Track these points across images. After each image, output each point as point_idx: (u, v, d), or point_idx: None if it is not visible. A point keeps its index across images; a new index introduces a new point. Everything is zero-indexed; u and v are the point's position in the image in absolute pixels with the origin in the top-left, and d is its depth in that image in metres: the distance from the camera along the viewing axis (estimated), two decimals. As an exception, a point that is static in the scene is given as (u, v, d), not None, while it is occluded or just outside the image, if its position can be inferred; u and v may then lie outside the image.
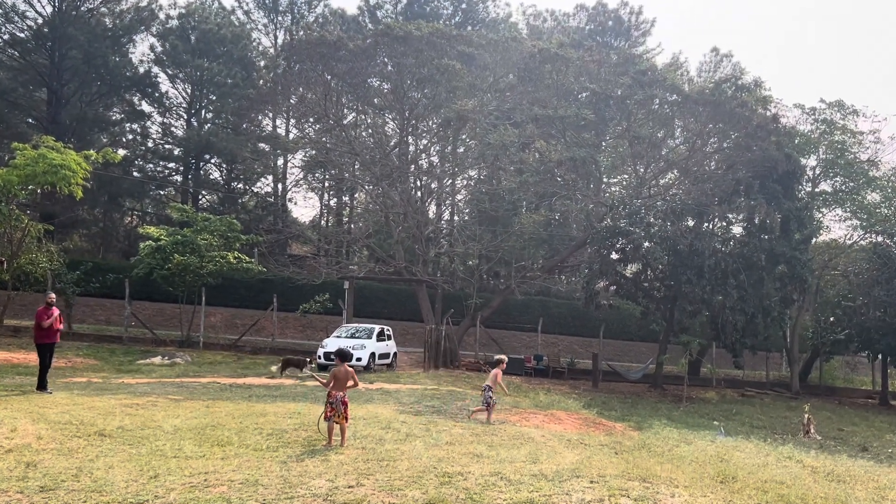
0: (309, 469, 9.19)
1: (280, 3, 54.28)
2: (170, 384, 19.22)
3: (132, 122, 51.81)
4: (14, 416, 11.96)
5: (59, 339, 16.43)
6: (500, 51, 36.33)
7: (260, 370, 24.58)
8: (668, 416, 22.89)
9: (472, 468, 9.66)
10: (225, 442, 10.84)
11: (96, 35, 46.96)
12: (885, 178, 33.79)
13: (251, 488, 8.09)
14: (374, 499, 7.76)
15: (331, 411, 10.98)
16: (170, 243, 30.48)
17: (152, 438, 10.92)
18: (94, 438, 10.76)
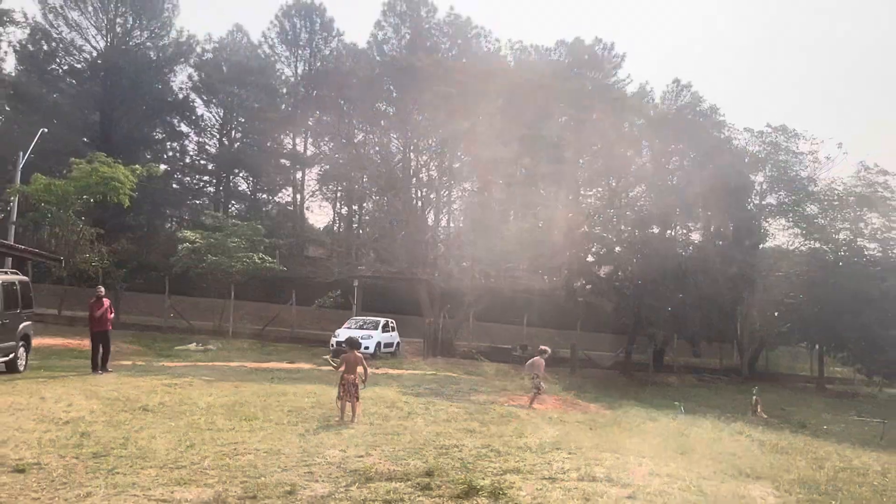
0: (324, 441, 9.21)
1: (300, 38, 54.10)
2: (203, 367, 19.22)
3: (172, 141, 51.87)
4: (70, 393, 11.99)
5: (110, 326, 16.36)
6: (492, 80, 36.29)
7: (281, 356, 24.55)
8: (635, 397, 22.92)
9: (466, 441, 9.69)
10: (251, 417, 10.86)
11: (142, 66, 47.05)
12: (821, 193, 33.79)
13: (274, 456, 8.11)
14: (380, 467, 7.77)
15: (343, 392, 11.02)
16: (204, 245, 30.46)
17: (188, 413, 10.93)
18: (139, 413, 10.78)
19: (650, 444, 10.23)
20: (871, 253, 32.88)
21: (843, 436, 18.94)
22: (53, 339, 23.10)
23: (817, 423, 22.04)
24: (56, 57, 47.10)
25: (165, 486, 6.64)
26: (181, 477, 6.99)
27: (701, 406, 22.63)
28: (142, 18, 48.57)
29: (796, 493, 7.74)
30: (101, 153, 29.71)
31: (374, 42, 51.67)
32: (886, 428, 21.64)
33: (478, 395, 16.26)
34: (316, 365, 21.92)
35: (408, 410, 12.46)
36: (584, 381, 26.80)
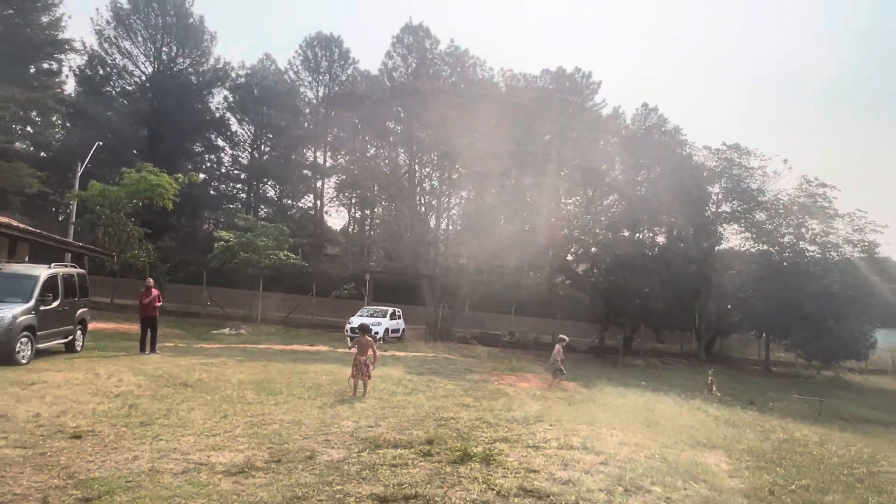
0: (339, 413, 9.20)
1: (321, 65, 54.01)
2: (236, 349, 19.19)
3: (210, 153, 51.83)
4: (120, 371, 11.96)
5: (157, 313, 16.28)
6: (485, 102, 36.24)
7: (303, 340, 24.45)
8: (607, 377, 22.75)
9: (461, 414, 9.69)
10: (277, 392, 10.85)
11: (184, 88, 47.08)
12: (769, 203, 33.67)
13: (296, 426, 8.10)
14: (387, 436, 7.76)
15: (356, 370, 11.01)
16: (236, 244, 30.41)
17: (222, 389, 10.91)
18: (180, 388, 10.75)
19: (620, 418, 10.23)
20: (812, 254, 32.83)
21: (787, 412, 18.89)
22: (106, 323, 23.05)
23: (764, 401, 21.91)
24: (110, 80, 47.12)
25: (202, 451, 6.63)
26: (216, 443, 6.99)
27: (664, 385, 22.50)
28: (184, 48, 48.57)
29: (746, 461, 7.74)
30: (149, 164, 29.67)
31: (385, 69, 51.61)
32: (823, 406, 21.65)
33: (472, 375, 16.24)
34: (333, 347, 21.92)
35: (411, 387, 12.45)
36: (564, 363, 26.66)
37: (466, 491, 5.63)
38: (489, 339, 31.03)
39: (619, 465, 6.95)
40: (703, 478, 6.67)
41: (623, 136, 32.02)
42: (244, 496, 5.21)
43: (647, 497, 5.85)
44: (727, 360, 35.47)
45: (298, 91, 53.34)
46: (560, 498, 5.58)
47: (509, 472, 6.36)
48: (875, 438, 14.50)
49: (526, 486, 5.84)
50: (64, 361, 12.86)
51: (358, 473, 6.02)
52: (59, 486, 5.30)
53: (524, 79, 53.14)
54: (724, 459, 7.75)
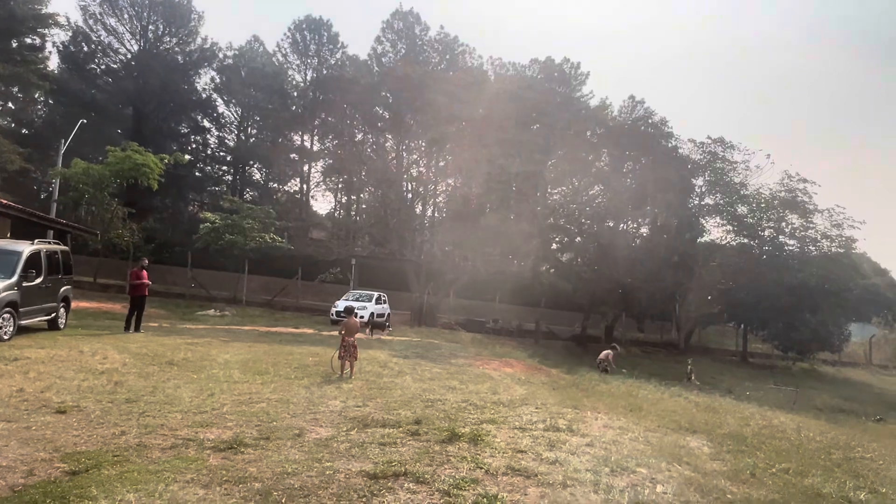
0: (327, 393, 9.16)
1: (309, 49, 53.41)
2: (221, 330, 19.02)
3: (196, 134, 51.07)
4: (105, 348, 11.81)
5: (147, 292, 16.15)
6: (474, 91, 36.08)
7: (288, 323, 24.27)
8: (590, 365, 22.89)
9: (448, 397, 9.69)
10: (263, 371, 10.78)
11: (171, 68, 46.34)
12: (751, 196, 33.86)
13: (284, 405, 8.06)
14: (376, 415, 7.75)
15: (343, 352, 10.97)
16: (222, 225, 30.10)
17: (208, 368, 10.83)
18: (165, 366, 10.65)
19: (604, 403, 10.30)
20: (791, 248, 33.21)
21: (763, 400, 19.15)
22: (90, 302, 22.73)
23: (741, 389, 22.24)
24: (95, 57, 46.27)
25: (190, 427, 6.57)
26: (204, 420, 6.93)
27: (644, 373, 22.70)
28: (171, 26, 47.78)
29: (727, 445, 7.83)
30: (134, 142, 29.20)
31: (374, 55, 51.20)
32: (798, 395, 22.04)
33: (457, 359, 16.25)
34: (318, 330, 21.83)
35: (398, 370, 12.43)
36: (547, 350, 26.82)
37: (455, 469, 5.64)
38: (473, 325, 31.06)
39: (605, 447, 7.00)
40: (686, 460, 6.74)
41: (611, 126, 31.93)
42: (233, 472, 5.16)
43: (632, 477, 5.89)
44: (705, 350, 35.84)
45: (286, 74, 52.73)
46: (547, 477, 5.61)
47: (497, 451, 6.37)
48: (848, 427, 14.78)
49: (514, 466, 5.85)
50: (47, 338, 12.67)
51: (347, 451, 6.00)
52: (45, 460, 5.23)
53: (513, 68, 52.97)
54: (706, 443, 7.83)
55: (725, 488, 5.80)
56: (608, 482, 5.63)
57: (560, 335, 32.27)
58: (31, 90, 38.47)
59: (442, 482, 5.22)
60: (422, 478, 5.28)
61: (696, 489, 5.71)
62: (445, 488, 5.07)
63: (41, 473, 4.90)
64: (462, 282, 33.40)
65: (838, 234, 32.33)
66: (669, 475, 6.09)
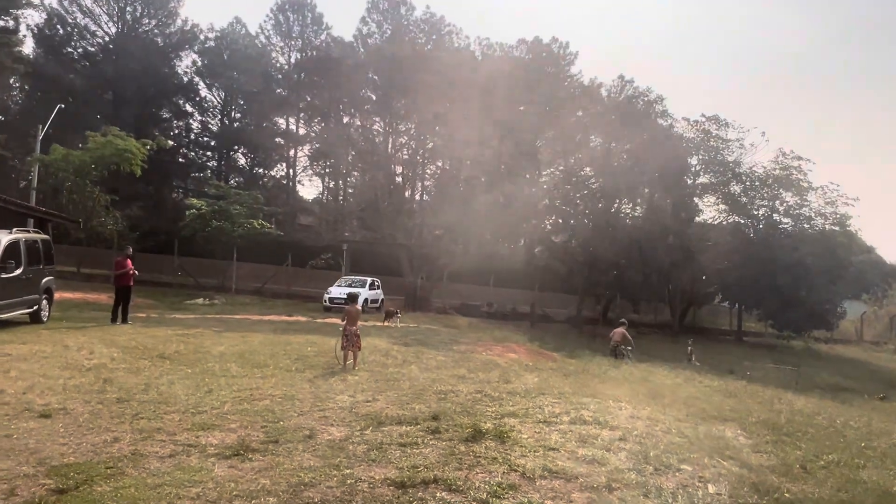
0: (333, 387, 8.59)
1: (293, 30, 52.15)
2: (211, 319, 18.33)
3: (178, 119, 49.81)
4: (92, 342, 11.12)
5: (132, 282, 15.42)
6: (463, 71, 35.22)
7: (280, 311, 23.60)
8: (588, 347, 22.53)
9: (460, 387, 9.15)
10: (262, 364, 10.16)
11: (150, 51, 44.88)
12: (744, 175, 33.48)
13: (289, 402, 7.47)
14: (389, 411, 7.19)
15: (346, 342, 10.38)
16: (209, 212, 29.24)
17: (203, 361, 10.20)
18: (157, 360, 10.01)
19: (622, 390, 9.82)
20: (785, 227, 32.95)
21: (766, 380, 18.83)
22: (73, 293, 21.89)
23: (741, 369, 21.93)
24: (71, 40, 44.69)
25: (190, 430, 5.97)
26: (204, 422, 6.32)
27: (644, 355, 22.35)
28: (150, 8, 46.29)
29: (763, 435, 7.37)
30: (115, 127, 28.14)
31: (360, 35, 49.92)
32: (799, 374, 21.80)
33: (459, 346, 15.71)
34: (312, 317, 21.20)
35: (401, 359, 11.86)
36: (544, 334, 26.42)
37: (488, 473, 5.09)
38: (468, 309, 30.59)
39: (639, 441, 6.49)
40: (729, 454, 6.26)
41: (605, 104, 31.29)
42: (243, 483, 4.58)
43: (679, 476, 5.39)
44: (700, 330, 35.63)
45: (270, 56, 51.45)
46: (589, 479, 5.09)
47: (527, 450, 5.84)
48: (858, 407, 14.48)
49: (550, 467, 5.33)
50: (29, 333, 11.95)
51: (365, 455, 5.44)
52: (28, 475, 4.61)
53: (500, 48, 52.11)
54: (740, 433, 7.37)
55: (781, 486, 5.32)
56: (655, 483, 5.13)
57: (555, 317, 31.90)
58: (6, 74, 37.04)
59: (477, 490, 4.68)
60: (454, 485, 4.73)
61: (750, 488, 5.22)
62: (483, 497, 4.54)
63: (24, 492, 4.29)
64: (455, 265, 32.83)
65: (832, 211, 32.17)
66: (717, 472, 5.59)
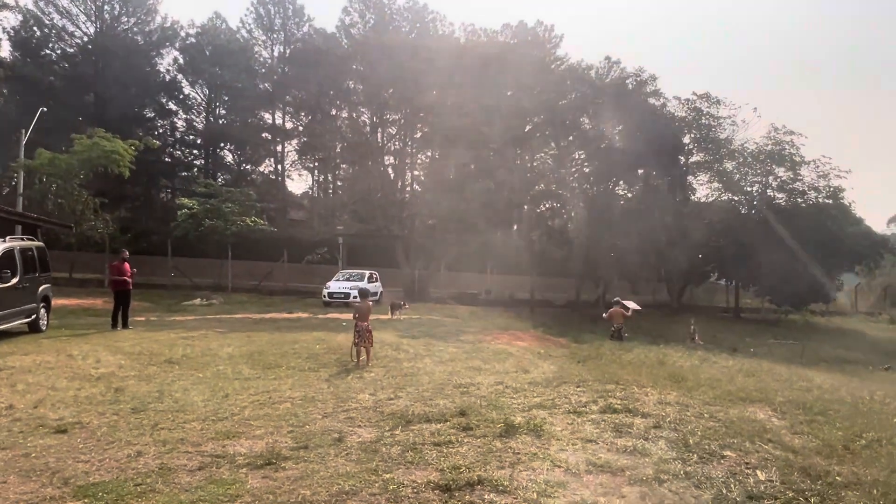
0: (351, 385, 8.37)
1: (274, 23, 51.49)
2: (212, 320, 18.05)
3: (162, 118, 49.09)
4: (96, 350, 10.84)
5: (130, 286, 15.08)
6: (449, 58, 34.79)
7: (279, 308, 23.30)
8: (590, 331, 22.38)
9: (479, 380, 8.97)
10: (274, 365, 9.93)
11: (131, 50, 44.15)
12: (736, 151, 33.35)
13: (310, 403, 7.25)
14: (414, 408, 6.98)
15: (358, 338, 10.16)
16: (201, 211, 28.84)
17: (212, 364, 9.96)
18: (165, 366, 9.76)
19: (643, 375, 9.66)
20: (780, 202, 32.93)
21: (771, 356, 18.85)
22: (68, 299, 21.49)
23: (744, 347, 21.95)
24: (49, 42, 43.81)
25: (214, 439, 5.73)
26: (227, 429, 6.08)
27: (647, 336, 22.27)
28: (128, 6, 45.48)
29: (795, 415, 7.23)
30: (101, 129, 27.60)
31: (343, 26, 49.23)
32: (804, 349, 21.84)
33: (466, 335, 15.54)
34: (313, 314, 20.95)
35: (413, 352, 11.66)
36: (545, 319, 26.22)
37: (532, 470, 4.91)
38: (466, 298, 30.44)
39: (674, 427, 6.33)
40: (768, 437, 6.11)
41: (598, 86, 30.97)
42: (282, 495, 4.37)
43: (724, 464, 5.24)
44: (698, 308, 35.64)
45: (253, 51, 50.77)
46: (636, 472, 4.92)
47: (565, 443, 5.67)
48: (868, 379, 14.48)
49: (593, 460, 5.16)
50: (30, 343, 11.63)
51: (401, 457, 5.23)
52: (54, 497, 4.37)
53: (485, 34, 51.61)
54: (772, 414, 7.23)
55: (830, 469, 5.17)
56: (703, 472, 4.97)
57: (554, 302, 31.81)
58: (-17, 79, 36.30)
59: (525, 489, 4.49)
60: (500, 485, 4.54)
61: (799, 473, 5.07)
62: (533, 497, 4.35)
63: (53, 517, 4.05)
64: (451, 254, 32.63)
65: (826, 184, 32.15)
66: (762, 457, 5.44)
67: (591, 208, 28.50)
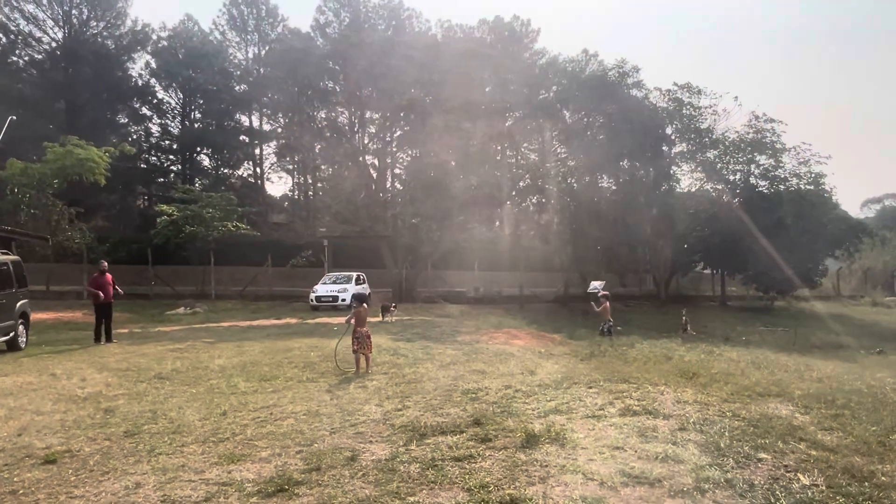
0: (355, 396, 7.98)
1: (248, 24, 50.69)
2: (199, 329, 17.51)
3: (136, 124, 47.95)
4: (80, 367, 10.34)
5: (112, 299, 14.51)
6: (428, 54, 34.38)
7: (266, 314, 22.78)
8: (582, 326, 22.17)
9: (486, 384, 8.63)
10: (269, 377, 9.50)
11: (101, 55, 43.05)
12: (718, 141, 33.32)
13: (315, 418, 6.85)
14: (425, 419, 6.62)
15: (357, 345, 9.78)
16: (181, 217, 28.14)
17: (205, 378, 9.50)
18: (155, 382, 9.28)
19: (652, 372, 9.40)
20: (762, 189, 33.01)
21: (765, 344, 18.82)
22: (46, 313, 20.76)
23: (735, 336, 21.92)
24: (16, 48, 42.51)
25: (218, 464, 5.33)
26: (230, 452, 5.67)
27: (640, 328, 22.18)
28: (96, 10, 44.30)
29: (818, 409, 7.01)
30: (74, 136, 26.76)
31: (318, 25, 48.67)
32: (796, 336, 21.88)
33: (462, 336, 15.23)
34: (302, 319, 20.48)
35: (412, 357, 11.31)
36: (536, 315, 26.01)
37: (565, 485, 4.59)
38: (454, 296, 30.10)
39: (699, 429, 6.06)
40: (799, 435, 5.86)
41: (577, 79, 30.76)
42: (301, 527, 4.00)
43: (763, 468, 4.97)
44: (685, 298, 35.72)
45: (227, 53, 49.91)
46: (674, 481, 4.63)
47: (592, 452, 5.36)
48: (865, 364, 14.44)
49: (626, 471, 4.85)
50: (9, 363, 11.07)
51: (422, 475, 4.88)
52: (49, 542, 3.95)
53: (461, 30, 51.29)
54: (794, 409, 7.00)
55: (873, 469, 4.92)
56: (744, 478, 4.70)
57: (543, 297, 31.55)
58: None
59: (563, 508, 4.17)
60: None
61: (842, 474, 4.81)
62: (574, 517, 4.03)
63: (48, 566, 3.64)
64: (438, 253, 32.25)
65: (807, 170, 32.33)
66: (799, 458, 5.19)
67: (578, 202, 28.28)
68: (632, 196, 29.32)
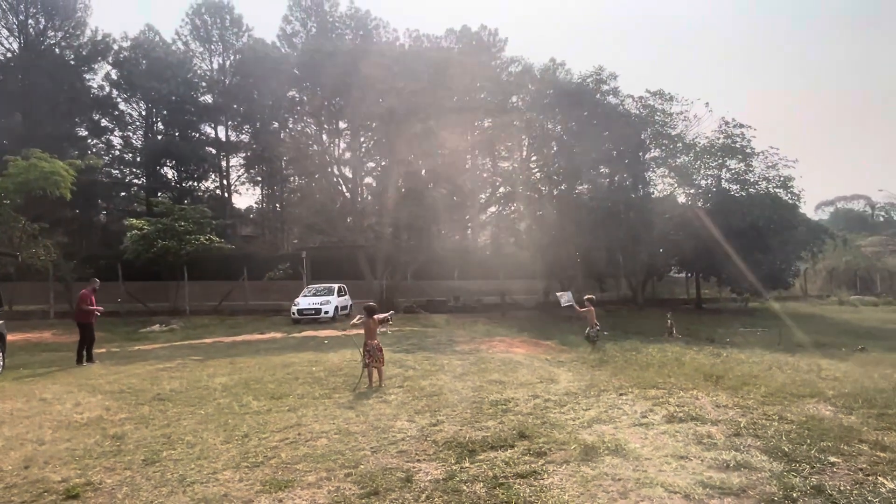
0: (381, 412, 7.59)
1: (212, 34, 49.67)
2: (182, 347, 16.81)
3: (96, 136, 46.31)
4: (70, 391, 9.69)
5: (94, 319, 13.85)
6: (396, 64, 34.07)
7: (249, 329, 22.04)
8: (570, 331, 22.02)
9: (510, 394, 8.36)
10: (279, 394, 9.01)
11: (59, 65, 41.60)
12: (688, 146, 33.80)
13: (348, 437, 6.46)
14: (467, 434, 6.32)
15: (369, 358, 9.39)
16: (152, 231, 27.18)
17: (209, 398, 8.97)
18: (157, 403, 8.72)
19: (676, 376, 9.26)
20: (734, 193, 33.55)
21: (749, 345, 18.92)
22: (14, 334, 19.61)
23: (719, 337, 22.01)
24: (-32, 60, 40.78)
25: (264, 492, 4.92)
26: (270, 477, 5.26)
27: (625, 333, 22.08)
28: (54, 19, 42.79)
29: (858, 409, 6.93)
30: (37, 149, 25.62)
31: (284, 35, 48.06)
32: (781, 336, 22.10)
33: (460, 346, 14.93)
34: (286, 333, 19.88)
35: (421, 369, 10.96)
36: (520, 322, 25.76)
37: (649, 500, 4.35)
38: (435, 305, 29.76)
39: (753, 433, 5.92)
40: (856, 436, 5.75)
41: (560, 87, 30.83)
42: (385, 559, 3.65)
43: (839, 472, 4.83)
44: (661, 302, 36.12)
45: (191, 63, 48.77)
46: (759, 490, 4.44)
47: (658, 463, 5.14)
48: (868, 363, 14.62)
49: (705, 481, 4.64)
50: (-10, 388, 10.33)
51: (491, 496, 4.58)
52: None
53: (428, 40, 51.29)
54: (835, 410, 6.91)
55: (951, 469, 4.81)
56: (830, 485, 4.52)
57: (524, 305, 31.47)
58: None
59: (659, 525, 3.91)
60: (629, 523, 3.96)
61: (922, 476, 4.68)
62: (676, 535, 3.78)
63: None
64: (418, 262, 31.90)
65: (776, 174, 32.99)
66: (870, 461, 5.06)
67: (556, 208, 28.28)
68: (610, 201, 29.45)
